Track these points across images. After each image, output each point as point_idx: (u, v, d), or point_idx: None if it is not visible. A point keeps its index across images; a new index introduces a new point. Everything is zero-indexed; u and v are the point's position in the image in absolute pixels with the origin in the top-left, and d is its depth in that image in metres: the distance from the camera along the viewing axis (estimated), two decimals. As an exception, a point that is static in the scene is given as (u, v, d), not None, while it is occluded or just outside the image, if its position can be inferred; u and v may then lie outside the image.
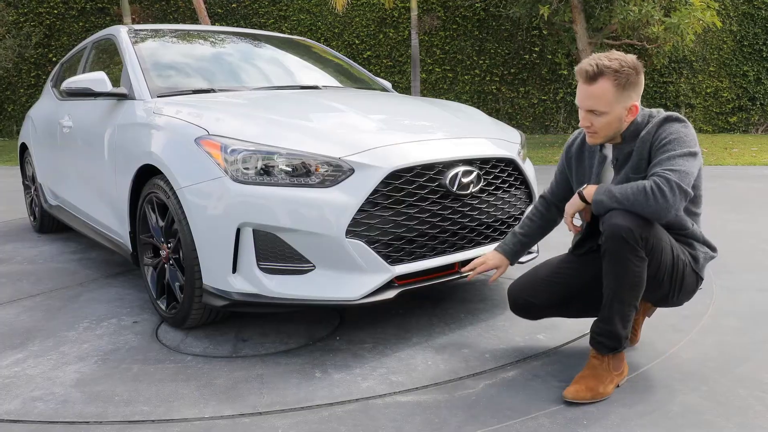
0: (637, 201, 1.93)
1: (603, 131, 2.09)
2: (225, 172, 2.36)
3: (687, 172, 1.93)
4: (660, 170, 1.94)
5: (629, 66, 2.02)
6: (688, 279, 2.14)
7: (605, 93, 2.02)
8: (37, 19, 14.76)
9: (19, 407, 2.08)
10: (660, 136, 2.02)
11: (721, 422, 1.91)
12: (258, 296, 2.37)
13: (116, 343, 2.61)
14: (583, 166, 2.30)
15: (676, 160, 1.95)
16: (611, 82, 2.01)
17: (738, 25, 13.19)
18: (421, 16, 13.75)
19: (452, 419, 1.96)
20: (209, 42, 3.90)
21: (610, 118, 2.05)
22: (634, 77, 2.02)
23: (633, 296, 2.03)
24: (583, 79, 2.05)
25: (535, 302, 2.33)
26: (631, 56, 2.05)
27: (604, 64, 2.01)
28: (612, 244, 1.98)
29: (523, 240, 2.43)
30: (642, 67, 2.07)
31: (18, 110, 15.00)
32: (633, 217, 1.95)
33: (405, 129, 2.76)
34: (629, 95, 2.04)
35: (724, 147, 10.48)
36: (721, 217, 4.99)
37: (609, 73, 2.00)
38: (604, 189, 2.02)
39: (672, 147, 1.98)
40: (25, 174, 5.21)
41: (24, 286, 3.47)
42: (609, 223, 1.98)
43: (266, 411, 2.03)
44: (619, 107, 2.04)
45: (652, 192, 1.91)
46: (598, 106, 2.03)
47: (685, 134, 2.00)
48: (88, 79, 3.22)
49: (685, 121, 2.05)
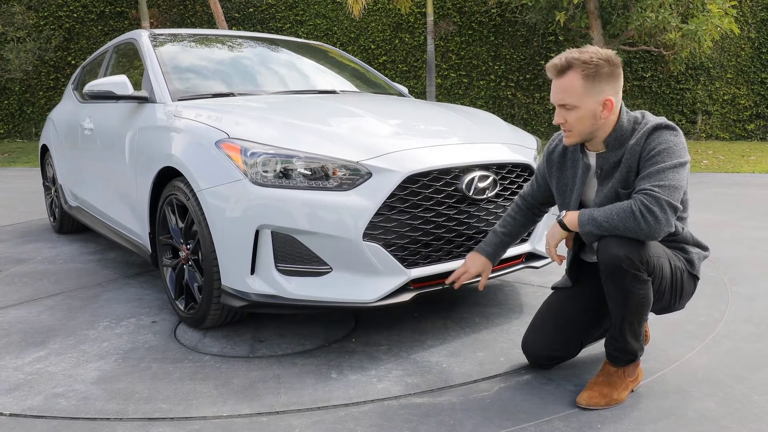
0: (627, 227, 1.87)
1: (577, 127, 2.01)
2: (244, 175, 2.40)
3: (676, 186, 1.88)
4: (648, 186, 1.87)
5: (601, 57, 1.94)
6: (687, 284, 2.12)
7: (573, 85, 1.96)
8: (57, 23, 14.96)
9: (42, 403, 2.12)
10: (649, 146, 1.94)
11: (736, 428, 1.91)
12: (276, 297, 2.40)
13: (135, 342, 2.65)
14: (564, 175, 2.22)
15: (666, 174, 1.88)
16: (579, 74, 1.95)
17: (756, 32, 13.09)
18: (437, 21, 13.78)
19: (467, 421, 1.98)
20: (228, 46, 3.95)
21: (582, 113, 1.98)
22: (605, 68, 1.94)
23: (642, 315, 2.02)
24: (552, 74, 2.00)
25: (557, 354, 2.28)
26: (609, 51, 1.99)
27: (572, 56, 1.96)
28: (613, 275, 1.94)
29: (505, 240, 2.39)
30: (619, 61, 1.99)
31: (37, 113, 15.21)
32: (627, 243, 1.90)
33: (422, 134, 2.78)
34: (601, 88, 1.96)
35: (742, 155, 10.40)
36: (738, 225, 4.96)
37: (577, 64, 1.94)
38: (588, 217, 1.95)
39: (661, 158, 1.91)
40: (46, 175, 5.29)
41: (44, 285, 3.53)
42: (605, 254, 1.93)
43: (283, 410, 2.06)
44: (590, 101, 1.96)
45: (641, 214, 1.85)
46: (568, 99, 1.97)
47: (674, 143, 1.93)
48: (109, 82, 3.28)
49: (676, 129, 1.98)
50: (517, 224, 2.40)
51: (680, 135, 1.98)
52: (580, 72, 1.94)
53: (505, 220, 2.42)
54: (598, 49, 1.97)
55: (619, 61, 1.98)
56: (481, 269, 2.40)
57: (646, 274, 1.95)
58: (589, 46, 2.01)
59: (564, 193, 2.22)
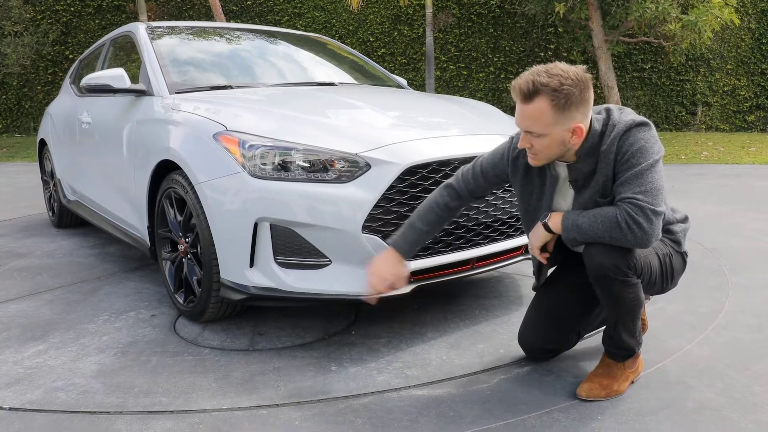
0: (613, 237, 1.83)
1: (544, 154, 1.90)
2: (243, 168, 2.39)
3: (657, 188, 1.81)
4: (630, 195, 1.81)
5: (571, 83, 1.78)
6: (676, 265, 2.09)
7: (542, 114, 1.80)
8: (54, 17, 14.90)
9: (42, 397, 2.12)
10: (622, 149, 1.85)
11: (736, 418, 1.91)
12: (275, 290, 2.39)
13: (135, 336, 2.65)
14: (531, 183, 2.10)
15: (645, 177, 1.81)
16: (548, 102, 1.79)
17: (756, 22, 13.05)
18: (436, 13, 13.72)
19: (467, 413, 1.98)
20: (226, 39, 3.94)
21: (549, 141, 1.85)
22: (576, 96, 1.79)
23: (635, 315, 2.01)
24: (518, 97, 1.84)
25: (554, 347, 2.28)
26: (578, 69, 1.82)
27: (540, 81, 1.78)
28: (601, 283, 1.93)
29: (424, 236, 2.23)
30: (589, 81, 1.83)
31: (35, 107, 15.17)
32: (613, 250, 1.87)
33: (421, 125, 2.77)
34: (571, 116, 1.82)
35: (742, 146, 10.38)
36: (738, 216, 4.95)
37: (546, 92, 1.78)
38: (572, 223, 1.90)
39: (637, 160, 1.82)
40: (44, 170, 5.28)
41: (44, 279, 3.53)
42: (591, 263, 1.91)
43: (283, 403, 2.06)
44: (559, 129, 1.83)
45: (627, 225, 1.80)
46: (535, 128, 1.84)
47: (646, 140, 1.84)
48: (107, 75, 3.26)
49: (646, 123, 1.87)
50: (440, 220, 2.22)
51: (650, 128, 1.88)
52: (549, 101, 1.79)
53: (426, 214, 2.22)
54: (567, 68, 1.81)
55: (588, 78, 1.83)
56: (400, 273, 2.21)
57: (635, 277, 1.92)
58: (557, 63, 1.83)
59: (528, 201, 2.12)
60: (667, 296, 3.02)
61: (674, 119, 13.37)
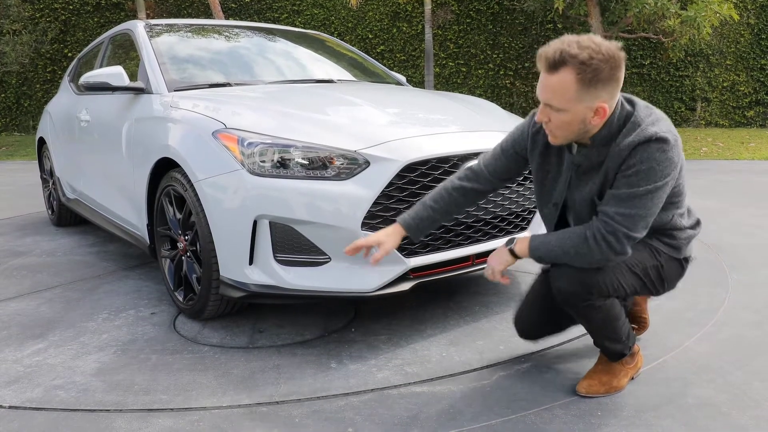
0: (579, 252, 1.80)
1: (561, 131, 1.78)
2: (242, 165, 2.38)
3: (644, 215, 1.74)
4: (611, 212, 1.75)
5: (602, 58, 1.65)
6: (670, 273, 2.01)
7: (565, 87, 1.68)
8: (53, 15, 14.87)
9: (41, 395, 2.12)
10: (630, 161, 1.73)
11: (736, 414, 1.91)
12: (274, 288, 2.39)
13: (135, 334, 2.65)
14: (548, 162, 1.99)
15: (635, 201, 1.73)
16: (574, 75, 1.66)
17: (756, 18, 13.03)
18: (435, 10, 13.71)
19: (467, 409, 1.98)
20: (224, 36, 3.93)
21: (569, 118, 1.73)
22: (605, 72, 1.66)
23: (611, 326, 1.98)
24: (543, 66, 1.71)
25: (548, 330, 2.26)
26: (612, 44, 1.68)
27: (570, 51, 1.65)
28: (566, 306, 1.92)
29: (435, 216, 2.12)
30: (622, 60, 1.69)
31: (34, 105, 15.15)
32: (576, 276, 1.84)
33: (420, 122, 2.76)
34: (596, 94, 1.69)
35: (741, 141, 10.38)
36: (737, 212, 4.95)
37: (573, 63, 1.65)
38: (540, 241, 1.88)
39: (637, 181, 1.72)
40: (43, 168, 5.28)
41: (43, 278, 3.52)
42: (554, 286, 1.90)
43: (283, 400, 2.06)
44: (581, 106, 1.70)
45: (594, 240, 1.76)
46: (555, 101, 1.71)
47: (659, 162, 1.71)
48: (105, 73, 3.26)
49: (666, 141, 1.71)
50: (453, 202, 2.12)
51: (670, 149, 1.72)
52: (575, 74, 1.66)
53: (440, 194, 2.13)
54: (601, 42, 1.68)
55: (622, 57, 1.69)
56: (395, 245, 2.10)
57: (599, 299, 1.89)
58: (592, 36, 1.69)
59: (543, 181, 2.02)
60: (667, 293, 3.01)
61: (673, 115, 13.36)
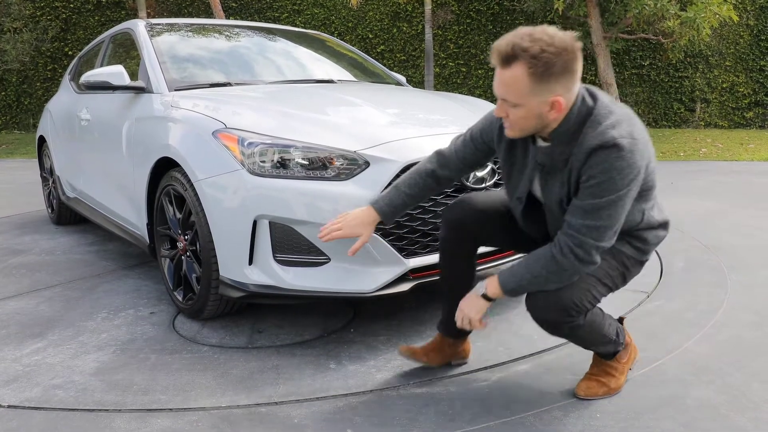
0: (550, 275, 1.78)
1: (518, 125, 1.74)
2: (242, 165, 2.38)
3: (611, 225, 1.72)
4: (578, 224, 1.72)
5: (554, 51, 1.60)
6: (632, 274, 1.97)
7: (517, 82, 1.64)
8: (54, 13, 14.87)
9: (40, 395, 2.12)
10: (591, 171, 1.69)
11: (735, 416, 1.91)
12: (274, 288, 2.39)
13: (134, 333, 2.65)
14: (514, 154, 1.95)
15: (600, 212, 1.70)
16: (525, 70, 1.62)
17: (755, 19, 13.03)
18: (435, 10, 13.70)
19: (465, 411, 1.98)
20: (225, 36, 3.93)
21: (524, 113, 1.70)
22: (558, 65, 1.61)
23: (598, 334, 1.96)
24: (496, 61, 1.67)
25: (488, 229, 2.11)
26: (566, 36, 1.64)
27: (521, 45, 1.61)
28: (553, 333, 1.91)
29: (408, 202, 2.10)
30: (577, 51, 1.64)
31: (34, 104, 15.14)
32: (551, 302, 1.82)
33: (420, 123, 2.76)
34: (550, 87, 1.64)
35: (740, 142, 10.38)
36: (737, 213, 4.95)
37: (524, 57, 1.61)
38: (508, 273, 1.84)
39: (600, 192, 1.68)
40: (43, 166, 5.28)
41: (42, 276, 3.52)
42: (534, 315, 1.88)
43: (282, 401, 2.06)
44: (535, 101, 1.67)
45: (563, 257, 1.74)
46: (510, 96, 1.68)
47: (618, 170, 1.65)
48: (106, 72, 3.26)
49: (623, 148, 1.65)
50: (426, 186, 2.10)
51: (629, 154, 1.66)
52: (527, 68, 1.62)
53: (412, 178, 2.10)
54: (555, 33, 1.63)
55: (577, 48, 1.65)
56: (363, 231, 2.09)
57: (580, 317, 1.86)
58: (546, 28, 1.64)
59: (510, 172, 1.97)
60: (666, 294, 3.02)
61: (673, 116, 13.37)
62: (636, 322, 2.68)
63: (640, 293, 3.03)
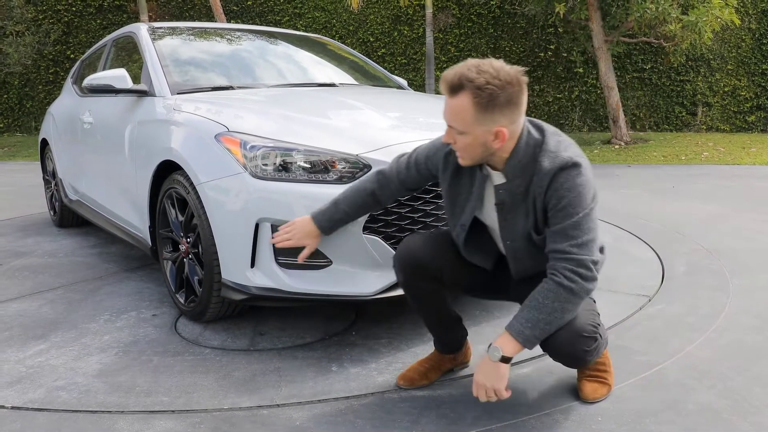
0: (563, 305, 1.76)
1: (466, 153, 1.79)
2: (244, 168, 2.39)
3: (593, 238, 1.76)
4: (566, 247, 1.75)
5: (499, 84, 1.67)
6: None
7: (464, 111, 1.71)
8: (56, 17, 14.92)
9: (43, 396, 2.12)
10: (556, 194, 1.76)
11: (737, 420, 1.92)
12: (276, 291, 2.39)
13: (136, 336, 2.65)
14: (460, 183, 1.99)
15: (581, 228, 1.75)
16: (471, 100, 1.69)
17: (757, 22, 13.05)
18: (436, 13, 13.73)
19: (467, 414, 1.98)
20: (227, 39, 3.94)
21: (470, 140, 1.75)
22: (502, 98, 1.68)
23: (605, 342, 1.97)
24: (444, 90, 1.75)
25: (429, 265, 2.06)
26: (513, 70, 1.70)
27: (467, 76, 1.68)
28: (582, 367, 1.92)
29: (347, 219, 2.21)
30: (522, 85, 1.71)
31: (36, 107, 15.18)
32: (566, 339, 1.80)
33: (421, 126, 2.77)
34: (494, 118, 1.70)
35: (742, 146, 10.38)
36: (738, 217, 4.96)
37: (470, 88, 1.68)
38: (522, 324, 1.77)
39: (573, 209, 1.75)
40: (46, 169, 5.29)
41: (45, 279, 3.53)
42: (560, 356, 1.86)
43: (284, 403, 2.06)
44: (480, 129, 1.72)
45: (570, 281, 1.74)
46: (456, 124, 1.74)
47: (581, 185, 1.75)
48: (109, 75, 3.27)
49: (578, 165, 1.76)
50: (365, 204, 2.18)
51: (584, 171, 1.77)
52: (472, 97, 1.68)
53: (353, 195, 2.18)
54: (501, 67, 1.69)
55: (522, 82, 1.71)
56: (308, 240, 2.24)
57: (594, 342, 1.86)
58: (493, 61, 1.71)
59: (455, 202, 2.01)
60: (667, 298, 3.02)
61: (674, 120, 13.38)
62: (637, 325, 2.68)
63: (642, 297, 3.04)
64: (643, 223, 4.72)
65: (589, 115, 13.78)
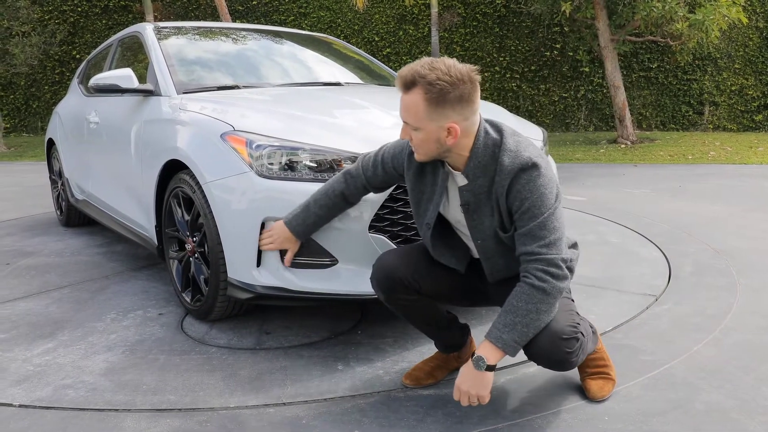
0: (541, 306, 1.75)
1: (421, 149, 1.82)
2: (250, 167, 2.39)
3: (561, 236, 1.78)
4: (535, 248, 1.76)
5: (449, 80, 1.70)
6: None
7: (416, 106, 1.74)
8: (62, 17, 14.98)
9: (51, 394, 2.13)
10: (519, 196, 1.78)
11: (744, 420, 1.91)
12: (282, 290, 2.40)
13: (143, 334, 2.66)
14: (423, 182, 2.00)
15: (547, 228, 1.77)
16: (422, 95, 1.72)
17: (765, 21, 12.99)
18: (441, 12, 13.73)
19: (473, 413, 1.98)
20: (232, 39, 3.95)
21: (424, 136, 1.78)
22: (452, 94, 1.71)
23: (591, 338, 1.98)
24: (399, 86, 1.79)
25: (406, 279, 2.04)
26: (465, 68, 1.74)
27: (419, 72, 1.72)
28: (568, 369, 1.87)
29: (320, 222, 2.25)
30: (473, 82, 1.74)
31: (42, 107, 15.25)
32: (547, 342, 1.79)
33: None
34: (445, 114, 1.73)
35: (749, 146, 10.34)
36: (746, 217, 4.93)
37: (422, 83, 1.72)
38: (498, 331, 1.77)
39: (538, 209, 1.77)
40: (52, 169, 5.31)
41: (52, 278, 3.54)
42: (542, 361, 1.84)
43: (290, 402, 2.06)
44: (432, 125, 1.75)
45: (542, 282, 1.74)
46: (409, 119, 1.78)
47: (543, 185, 1.77)
48: (115, 75, 3.28)
49: (539, 167, 1.78)
50: (336, 207, 2.23)
51: (543, 171, 1.79)
52: (423, 93, 1.72)
53: (324, 198, 2.22)
54: (453, 65, 1.73)
55: (474, 80, 1.74)
56: (288, 243, 2.30)
57: (576, 342, 1.83)
58: (446, 59, 1.76)
59: (419, 201, 2.02)
60: (674, 297, 3.01)
61: (681, 119, 13.33)
62: (644, 325, 2.67)
63: (649, 296, 3.03)
64: (650, 223, 4.70)
65: (595, 114, 13.74)
